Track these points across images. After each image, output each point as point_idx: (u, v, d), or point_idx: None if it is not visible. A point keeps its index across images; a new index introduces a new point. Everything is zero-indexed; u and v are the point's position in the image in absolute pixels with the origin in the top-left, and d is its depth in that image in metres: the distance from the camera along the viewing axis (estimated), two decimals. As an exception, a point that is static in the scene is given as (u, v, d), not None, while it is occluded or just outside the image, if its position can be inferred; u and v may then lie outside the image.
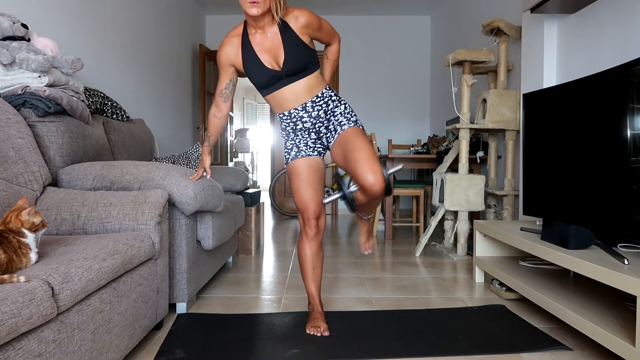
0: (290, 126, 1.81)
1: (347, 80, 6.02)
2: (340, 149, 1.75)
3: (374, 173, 1.61)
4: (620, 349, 1.38)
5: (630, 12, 2.11)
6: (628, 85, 1.66)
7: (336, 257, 3.24)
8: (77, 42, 2.93)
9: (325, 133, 1.82)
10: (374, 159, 1.65)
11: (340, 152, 1.75)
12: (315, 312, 1.87)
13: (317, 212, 1.83)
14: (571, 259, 1.63)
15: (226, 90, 1.83)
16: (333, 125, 1.80)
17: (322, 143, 1.85)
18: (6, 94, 1.92)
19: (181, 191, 1.88)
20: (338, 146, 1.77)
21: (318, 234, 1.86)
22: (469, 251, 3.23)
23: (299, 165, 1.83)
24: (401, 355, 1.61)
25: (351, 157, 1.68)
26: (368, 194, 1.66)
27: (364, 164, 1.63)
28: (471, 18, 4.47)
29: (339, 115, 1.79)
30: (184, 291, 2.00)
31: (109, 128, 2.61)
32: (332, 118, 1.80)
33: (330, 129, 1.81)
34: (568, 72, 2.56)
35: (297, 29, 1.68)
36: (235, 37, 1.74)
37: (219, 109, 1.87)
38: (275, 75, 1.70)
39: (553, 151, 2.11)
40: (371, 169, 1.62)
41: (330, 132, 1.81)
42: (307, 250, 1.87)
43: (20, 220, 1.19)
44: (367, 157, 1.65)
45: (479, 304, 2.19)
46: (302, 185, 1.82)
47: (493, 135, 3.46)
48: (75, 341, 1.16)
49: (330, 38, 1.85)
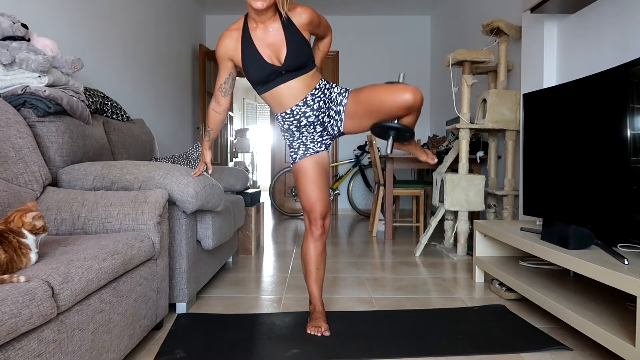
0: (294, 124, 1.81)
1: (347, 80, 6.02)
2: (360, 113, 1.78)
3: (403, 91, 1.67)
4: (620, 349, 1.38)
5: (630, 12, 2.11)
6: (628, 85, 1.66)
7: (336, 257, 3.24)
8: (77, 42, 2.93)
9: (329, 121, 1.83)
10: (392, 87, 1.70)
11: (362, 114, 1.77)
12: (317, 312, 1.87)
13: (324, 212, 1.83)
14: (571, 259, 1.63)
15: (225, 84, 1.83)
16: (334, 109, 1.81)
17: (328, 133, 1.86)
18: (6, 94, 1.92)
19: (182, 189, 1.88)
20: (353, 112, 1.79)
21: (324, 234, 1.86)
22: (469, 251, 3.23)
23: (305, 164, 1.83)
24: (401, 355, 1.61)
25: (376, 103, 1.72)
26: (414, 107, 1.70)
27: (391, 94, 1.68)
28: (471, 18, 4.47)
29: (335, 97, 1.81)
30: (184, 291, 2.00)
31: (109, 128, 2.61)
32: (330, 104, 1.81)
33: (331, 115, 1.82)
34: (568, 72, 2.56)
35: (300, 26, 1.68)
36: (235, 31, 1.73)
37: (219, 104, 1.87)
38: (274, 71, 1.69)
39: (553, 151, 2.11)
40: (399, 91, 1.67)
41: (333, 118, 1.82)
42: (312, 250, 1.87)
43: (22, 220, 1.19)
44: (387, 90, 1.70)
45: (479, 304, 2.19)
46: (309, 185, 1.81)
47: (493, 135, 3.46)
48: (75, 341, 1.16)
49: (326, 32, 1.87)
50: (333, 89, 1.82)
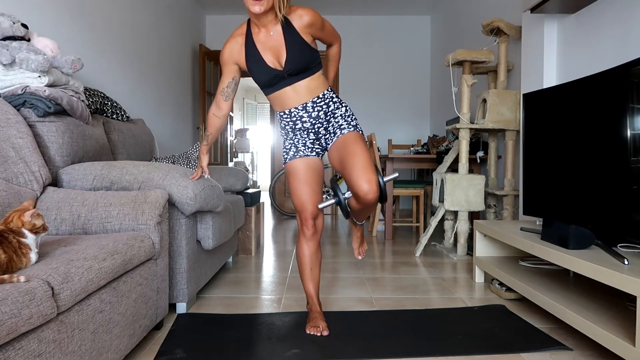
0: (289, 125, 1.81)
1: (347, 80, 6.02)
2: (338, 153, 1.75)
3: (368, 182, 1.61)
4: (620, 349, 1.38)
5: (630, 12, 2.11)
6: (628, 85, 1.66)
7: (336, 257, 3.24)
8: (77, 42, 2.93)
9: (324, 134, 1.81)
10: (370, 167, 1.65)
11: (338, 156, 1.75)
12: (314, 312, 1.87)
13: (315, 213, 1.82)
14: (571, 259, 1.63)
15: (228, 88, 1.83)
16: (332, 127, 1.79)
17: (320, 144, 1.85)
18: (6, 94, 1.92)
19: (181, 191, 1.88)
20: (336, 150, 1.77)
21: (315, 234, 1.86)
22: (469, 251, 3.23)
23: (297, 165, 1.83)
24: (401, 355, 1.61)
25: (348, 162, 1.67)
26: (362, 201, 1.65)
27: (359, 172, 1.63)
28: (471, 18, 4.47)
29: (339, 118, 1.79)
30: (184, 291, 2.00)
31: (109, 128, 2.61)
32: (332, 120, 1.79)
33: (329, 130, 1.80)
34: (568, 72, 2.56)
35: (301, 28, 1.67)
36: (239, 36, 1.74)
37: (219, 108, 1.87)
38: (277, 75, 1.70)
39: (553, 151, 2.11)
40: (366, 178, 1.61)
41: (329, 134, 1.81)
42: (305, 250, 1.87)
43: (21, 220, 1.19)
44: (363, 164, 1.64)
45: (479, 304, 2.19)
46: (300, 186, 1.81)
47: (493, 135, 3.46)
48: (75, 341, 1.16)
49: (332, 39, 1.85)
50: (341, 107, 1.80)
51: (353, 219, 1.93)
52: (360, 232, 2.04)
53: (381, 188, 1.65)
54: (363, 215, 1.86)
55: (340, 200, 1.73)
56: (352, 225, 2.00)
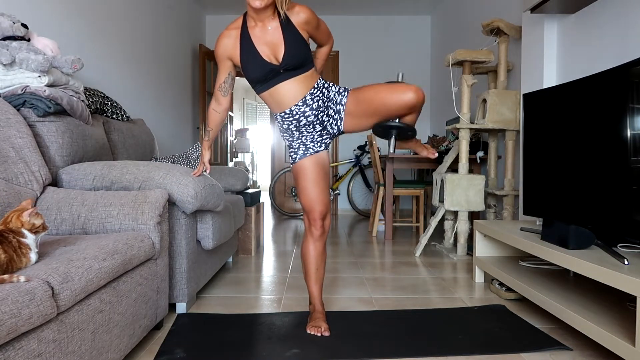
0: (293, 124, 1.80)
1: (347, 80, 6.02)
2: (360, 112, 1.78)
3: (405, 91, 1.67)
4: (620, 349, 1.38)
5: (630, 12, 2.11)
6: (628, 85, 1.66)
7: (336, 257, 3.24)
8: (77, 42, 2.93)
9: (328, 120, 1.82)
10: (393, 86, 1.70)
11: (363, 113, 1.77)
12: (317, 312, 1.87)
13: (324, 213, 1.83)
14: (571, 259, 1.63)
15: (225, 84, 1.83)
16: (334, 106, 1.80)
17: (328, 132, 1.85)
18: (6, 94, 1.92)
19: (182, 190, 1.88)
20: (354, 113, 1.79)
21: (323, 235, 1.86)
22: (469, 251, 3.23)
23: (305, 164, 1.82)
24: (401, 355, 1.61)
25: (377, 102, 1.72)
26: (416, 107, 1.71)
27: (393, 94, 1.69)
28: (471, 18, 4.47)
29: (334, 96, 1.81)
30: (184, 291, 2.00)
31: (109, 128, 2.61)
32: (329, 103, 1.81)
33: (330, 114, 1.81)
34: (568, 72, 2.56)
35: (298, 25, 1.68)
36: (234, 30, 1.73)
37: (219, 104, 1.87)
38: (272, 70, 1.69)
39: (553, 151, 2.11)
40: (402, 90, 1.67)
41: (332, 117, 1.82)
42: (312, 250, 1.87)
43: (20, 220, 1.19)
44: (388, 89, 1.70)
45: (479, 304, 2.19)
46: (309, 185, 1.81)
47: (493, 135, 3.46)
48: (75, 341, 1.16)
49: (325, 40, 1.86)
50: (331, 87, 1.82)
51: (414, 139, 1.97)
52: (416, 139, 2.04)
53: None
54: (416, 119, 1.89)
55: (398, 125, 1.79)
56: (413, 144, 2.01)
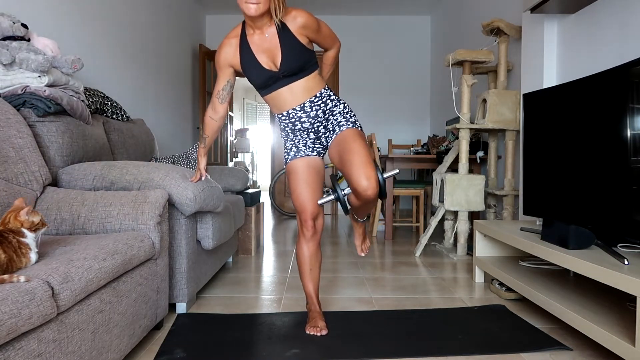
0: (289, 126, 1.81)
1: (347, 80, 6.02)
2: (337, 150, 1.75)
3: (367, 178, 1.61)
4: (620, 349, 1.38)
5: (629, 12, 2.11)
6: (628, 85, 1.66)
7: (336, 257, 3.24)
8: (77, 42, 2.93)
9: (324, 133, 1.82)
10: (369, 163, 1.64)
11: (337, 152, 1.75)
12: (314, 312, 1.87)
13: (315, 213, 1.82)
14: (571, 259, 1.63)
15: (223, 91, 1.83)
16: (332, 125, 1.79)
17: (321, 143, 1.85)
18: (6, 94, 1.92)
19: (181, 192, 1.88)
20: (335, 146, 1.77)
21: (315, 235, 1.85)
22: (469, 251, 3.23)
23: (297, 165, 1.83)
24: (401, 355, 1.61)
25: (347, 159, 1.68)
26: (361, 198, 1.65)
27: (359, 168, 1.63)
28: (471, 18, 4.47)
29: (338, 115, 1.79)
30: (184, 291, 2.00)
31: (109, 128, 2.61)
32: (330, 118, 1.79)
33: (328, 128, 1.80)
34: (568, 72, 2.56)
35: (295, 30, 1.67)
36: (234, 38, 1.74)
37: (215, 111, 1.87)
38: (272, 76, 1.70)
39: (553, 151, 2.11)
40: (365, 174, 1.61)
41: (329, 132, 1.81)
42: (305, 251, 1.87)
43: (19, 220, 1.19)
44: (362, 161, 1.64)
45: (479, 304, 2.19)
46: (300, 186, 1.81)
47: (493, 135, 3.46)
48: (75, 341, 1.16)
49: (330, 43, 1.84)
50: (339, 105, 1.80)
51: (354, 216, 1.94)
52: (362, 229, 2.04)
53: (380, 184, 1.65)
54: (363, 212, 1.86)
55: (340, 197, 1.73)
56: (354, 222, 2.01)
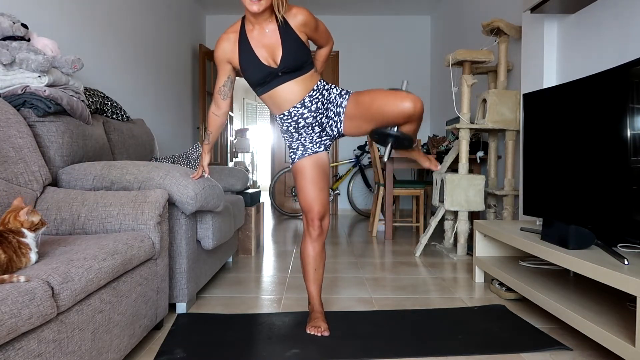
0: (292, 125, 1.81)
1: (347, 80, 6.02)
2: (359, 116, 1.75)
3: (403, 99, 1.63)
4: (620, 349, 1.38)
5: (630, 13, 2.11)
6: (628, 85, 1.66)
7: (336, 257, 3.24)
8: (77, 42, 2.93)
9: (327, 122, 1.81)
10: (391, 92, 1.68)
11: (361, 117, 1.74)
12: (316, 312, 1.87)
13: (322, 213, 1.82)
14: (571, 259, 1.63)
15: (224, 87, 1.83)
16: (334, 108, 1.79)
17: (327, 134, 1.85)
18: (6, 94, 1.92)
19: (181, 191, 1.88)
20: (353, 116, 1.76)
21: (321, 235, 1.85)
22: (469, 251, 3.23)
23: (304, 164, 1.82)
24: (401, 355, 1.61)
25: (375, 108, 1.69)
26: (413, 117, 1.66)
27: (391, 100, 1.65)
28: (471, 18, 4.47)
29: (335, 98, 1.79)
30: (184, 291, 2.00)
31: (109, 128, 2.61)
32: (329, 105, 1.80)
33: (330, 116, 1.80)
34: (568, 72, 2.56)
35: (296, 27, 1.67)
36: (233, 33, 1.73)
37: (218, 107, 1.87)
38: (271, 72, 1.69)
39: (553, 151, 2.11)
40: (400, 98, 1.64)
41: (332, 119, 1.81)
42: (310, 251, 1.86)
43: (19, 220, 1.19)
44: (386, 94, 1.67)
45: (479, 304, 2.19)
46: (308, 185, 1.81)
47: (493, 135, 3.46)
48: (75, 341, 1.16)
49: (325, 41, 1.85)
50: (332, 89, 1.81)
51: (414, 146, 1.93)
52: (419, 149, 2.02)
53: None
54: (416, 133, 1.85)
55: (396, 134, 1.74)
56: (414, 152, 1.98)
